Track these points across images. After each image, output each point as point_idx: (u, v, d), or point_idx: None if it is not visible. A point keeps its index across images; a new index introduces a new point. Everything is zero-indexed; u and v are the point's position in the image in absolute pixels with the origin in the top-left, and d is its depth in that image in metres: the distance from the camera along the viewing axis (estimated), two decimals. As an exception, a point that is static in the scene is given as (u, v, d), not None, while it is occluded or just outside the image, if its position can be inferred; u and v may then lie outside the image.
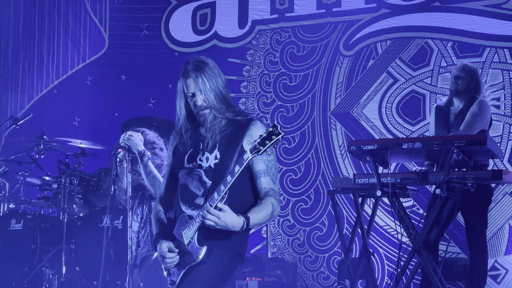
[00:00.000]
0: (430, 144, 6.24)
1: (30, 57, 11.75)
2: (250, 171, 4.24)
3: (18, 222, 8.97)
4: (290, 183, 9.70)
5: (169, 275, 4.27)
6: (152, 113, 10.39)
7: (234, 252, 4.25)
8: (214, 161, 4.24)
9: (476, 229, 6.97)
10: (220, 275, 4.23)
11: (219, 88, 4.26)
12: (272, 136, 3.92)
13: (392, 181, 6.37)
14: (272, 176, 4.25)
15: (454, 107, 7.22)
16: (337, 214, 7.87)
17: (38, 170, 9.79)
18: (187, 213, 4.24)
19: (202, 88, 4.23)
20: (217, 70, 4.30)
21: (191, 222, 4.17)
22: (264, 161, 4.22)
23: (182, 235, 4.22)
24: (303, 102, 9.80)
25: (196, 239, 4.16)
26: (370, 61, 9.47)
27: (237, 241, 4.26)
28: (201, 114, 4.28)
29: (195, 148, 4.33)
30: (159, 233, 4.36)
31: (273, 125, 3.94)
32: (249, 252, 9.08)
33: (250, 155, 3.96)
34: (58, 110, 11.36)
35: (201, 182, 4.25)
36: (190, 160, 4.33)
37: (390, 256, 8.98)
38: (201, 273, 4.16)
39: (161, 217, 4.45)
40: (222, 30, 10.42)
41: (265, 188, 4.22)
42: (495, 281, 8.55)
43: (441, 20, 9.12)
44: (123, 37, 11.11)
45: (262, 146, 3.92)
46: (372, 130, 9.35)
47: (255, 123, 4.28)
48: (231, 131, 4.27)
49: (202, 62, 4.30)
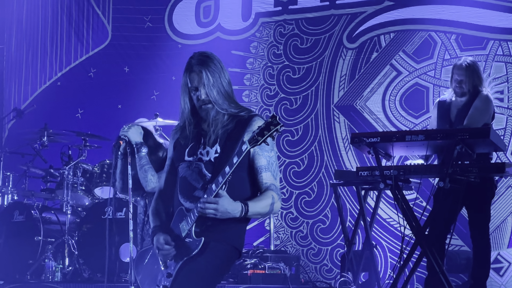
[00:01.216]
0: (433, 137, 6.23)
1: (34, 49, 11.75)
2: (250, 167, 4.24)
3: (21, 213, 8.99)
4: (293, 175, 9.70)
5: (166, 267, 4.28)
6: (155, 105, 10.40)
7: (231, 246, 4.25)
8: (215, 155, 4.24)
9: (479, 222, 6.96)
10: (216, 268, 4.23)
11: (222, 84, 4.26)
12: (271, 126, 3.91)
13: (395, 173, 6.37)
14: (273, 171, 4.24)
15: (457, 101, 7.20)
16: (340, 207, 7.88)
17: (42, 161, 9.80)
18: (185, 205, 4.24)
19: (206, 82, 4.22)
20: (221, 66, 4.30)
21: (188, 215, 4.17)
22: (266, 156, 4.22)
23: (179, 227, 4.22)
24: (307, 94, 9.80)
25: (193, 231, 4.16)
26: (374, 54, 9.47)
27: (234, 235, 4.26)
28: (203, 108, 4.28)
29: (196, 142, 4.33)
30: (156, 226, 4.37)
31: (271, 116, 3.92)
32: (252, 244, 9.09)
33: (248, 146, 3.95)
34: (61, 102, 11.36)
35: (201, 175, 4.25)
36: (190, 153, 4.32)
37: (393, 249, 8.99)
38: (197, 266, 4.16)
39: (160, 210, 4.44)
40: (226, 23, 10.42)
41: (266, 183, 4.21)
42: (498, 273, 8.55)
43: (445, 13, 9.10)
44: (126, 29, 11.11)
45: (260, 136, 3.92)
46: (376, 123, 9.35)
47: (257, 118, 4.27)
48: (233, 126, 4.27)
49: (207, 57, 4.29)
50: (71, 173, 8.94)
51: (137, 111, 9.86)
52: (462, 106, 7.12)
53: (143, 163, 6.05)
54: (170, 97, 10.22)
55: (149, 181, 6.07)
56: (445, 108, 7.24)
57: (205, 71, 4.23)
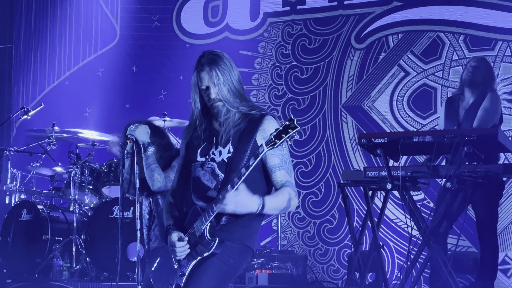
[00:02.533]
0: (441, 138, 6.23)
1: (42, 48, 11.77)
2: (263, 166, 4.23)
3: (29, 212, 9.00)
4: (301, 175, 9.70)
5: (179, 266, 4.28)
6: (163, 104, 10.41)
7: (244, 245, 4.26)
8: (227, 155, 4.24)
9: (487, 223, 6.95)
10: (230, 267, 4.23)
11: (232, 82, 4.25)
12: (288, 129, 3.91)
13: (402, 174, 6.37)
14: (287, 169, 4.24)
15: (465, 101, 7.20)
16: (347, 207, 7.87)
17: (50, 160, 9.82)
18: (199, 205, 4.24)
19: (216, 81, 4.22)
20: (231, 64, 4.29)
21: (203, 215, 4.17)
22: (278, 155, 4.21)
23: (194, 227, 4.22)
24: (314, 94, 9.80)
25: (208, 231, 4.16)
26: (382, 54, 9.46)
27: (248, 234, 4.26)
28: (214, 106, 4.28)
29: (208, 142, 4.32)
30: (170, 225, 4.36)
31: (289, 119, 3.92)
32: (259, 244, 9.09)
33: (265, 148, 3.94)
34: (69, 101, 11.38)
35: (214, 175, 4.25)
36: (203, 153, 4.32)
37: (400, 249, 8.98)
38: (211, 265, 4.16)
39: (173, 210, 4.44)
40: (234, 22, 10.42)
41: (281, 181, 4.20)
42: (505, 275, 8.53)
43: (453, 13, 9.10)
44: (134, 28, 11.12)
45: (277, 139, 3.91)
46: (383, 123, 9.34)
47: (269, 118, 4.27)
48: (245, 126, 4.26)
49: (217, 55, 4.29)
50: (79, 172, 8.95)
51: (145, 110, 9.88)
52: (470, 106, 7.11)
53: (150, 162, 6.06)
54: (178, 96, 10.23)
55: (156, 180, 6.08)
56: (453, 108, 7.23)
57: (215, 69, 4.23)
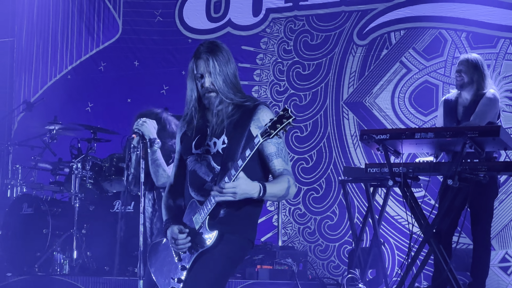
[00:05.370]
0: (442, 135, 6.23)
1: (44, 42, 11.77)
2: (260, 156, 4.22)
3: (30, 206, 9.01)
4: (302, 171, 9.70)
5: (179, 260, 4.28)
6: (164, 99, 10.41)
7: (244, 238, 4.26)
8: (222, 146, 4.22)
9: (482, 220, 6.97)
10: (230, 260, 4.24)
11: (228, 74, 4.23)
12: (283, 119, 3.89)
13: (403, 171, 6.37)
14: (284, 157, 4.23)
15: (463, 99, 7.20)
16: (348, 203, 7.88)
17: (51, 154, 9.83)
18: (197, 198, 4.24)
19: (212, 70, 4.20)
20: (229, 57, 4.28)
21: (201, 207, 4.17)
22: (274, 143, 4.19)
23: (192, 220, 4.22)
24: (316, 91, 9.80)
25: (207, 223, 4.16)
26: (384, 51, 9.46)
27: (247, 226, 4.27)
28: (207, 96, 4.25)
29: (202, 134, 4.31)
30: (168, 219, 4.37)
31: (283, 109, 3.90)
32: (259, 240, 9.10)
33: (261, 139, 3.92)
34: (71, 95, 11.38)
35: (210, 168, 4.24)
36: (197, 145, 4.31)
37: (401, 246, 8.99)
38: (211, 258, 4.16)
39: (171, 204, 4.44)
40: (236, 18, 10.41)
41: (279, 169, 4.19)
42: (506, 272, 8.54)
43: (455, 11, 9.09)
44: (136, 23, 11.11)
45: (273, 129, 3.89)
46: (385, 120, 9.34)
47: (262, 107, 4.25)
48: (238, 116, 4.25)
49: (216, 45, 4.28)
50: (80, 166, 8.95)
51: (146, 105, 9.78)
52: (468, 104, 7.11)
53: (156, 157, 6.06)
54: (179, 91, 10.19)
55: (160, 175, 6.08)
56: (451, 106, 7.24)
57: (213, 59, 4.21)
